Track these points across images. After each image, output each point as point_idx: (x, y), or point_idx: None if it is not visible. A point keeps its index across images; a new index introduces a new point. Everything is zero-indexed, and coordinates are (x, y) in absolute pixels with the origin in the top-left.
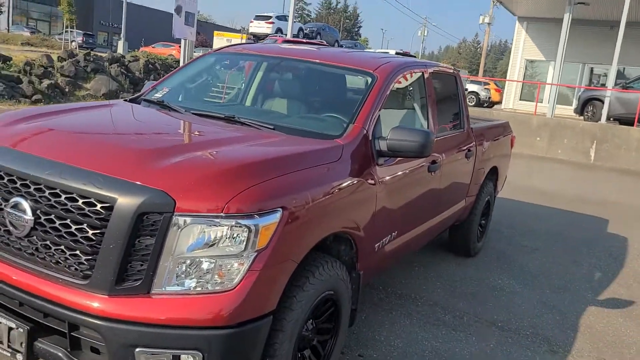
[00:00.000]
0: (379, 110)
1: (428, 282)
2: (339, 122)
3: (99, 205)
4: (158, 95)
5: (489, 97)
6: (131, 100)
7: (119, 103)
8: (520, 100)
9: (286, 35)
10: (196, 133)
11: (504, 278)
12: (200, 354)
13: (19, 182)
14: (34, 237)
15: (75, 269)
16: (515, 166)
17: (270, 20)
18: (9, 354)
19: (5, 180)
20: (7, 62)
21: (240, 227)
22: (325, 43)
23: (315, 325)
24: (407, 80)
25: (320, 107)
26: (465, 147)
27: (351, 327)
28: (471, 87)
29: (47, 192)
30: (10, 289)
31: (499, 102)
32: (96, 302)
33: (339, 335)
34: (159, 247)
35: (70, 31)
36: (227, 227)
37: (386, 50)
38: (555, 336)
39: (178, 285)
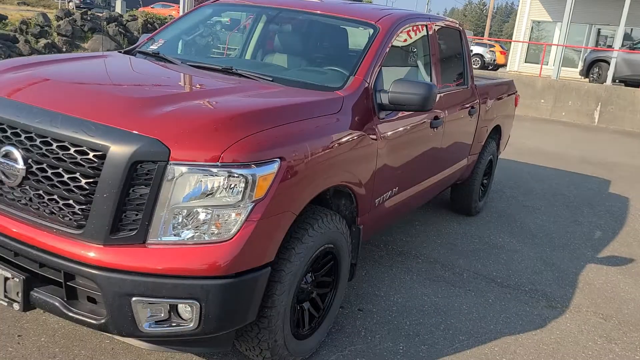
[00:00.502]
0: (381, 62)
1: (429, 240)
2: (340, 75)
3: (91, 154)
4: (153, 47)
5: (494, 60)
6: (126, 52)
7: (114, 54)
8: (525, 62)
9: None
10: (191, 83)
11: (504, 236)
12: (198, 303)
13: (9, 131)
14: (27, 187)
15: (69, 218)
16: (520, 128)
17: None
18: (5, 304)
19: None
20: (3, 21)
21: (236, 176)
22: None
23: (314, 278)
24: (410, 33)
25: (320, 59)
26: (468, 105)
27: (351, 283)
28: (476, 49)
29: (38, 140)
30: (5, 239)
31: (504, 65)
32: (91, 252)
33: (339, 289)
34: (153, 197)
35: None
36: (223, 176)
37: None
38: (554, 292)
39: (174, 236)
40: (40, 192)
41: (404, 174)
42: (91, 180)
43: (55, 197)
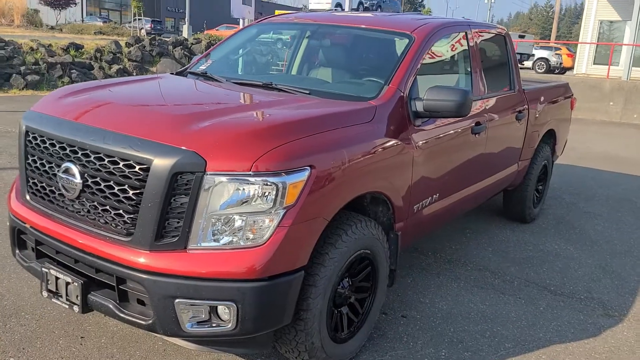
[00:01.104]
0: (416, 71)
1: (479, 247)
2: (375, 85)
3: (137, 167)
4: (202, 67)
5: (561, 63)
6: (178, 73)
7: (166, 76)
8: (594, 64)
9: (344, 10)
10: (230, 99)
11: (561, 243)
12: (235, 304)
13: (68, 149)
14: (84, 199)
15: (120, 227)
16: (586, 133)
17: None
18: (67, 306)
19: (57, 148)
20: (80, 50)
21: (268, 184)
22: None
23: (351, 283)
24: (448, 41)
25: (358, 70)
26: (515, 109)
27: (395, 290)
28: (540, 53)
29: (92, 156)
30: (66, 247)
31: (572, 68)
32: (139, 257)
33: (377, 294)
34: (192, 205)
35: (139, 19)
36: (255, 184)
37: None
38: (612, 300)
39: (213, 241)
40: (95, 203)
41: (445, 181)
42: (138, 191)
43: (107, 207)
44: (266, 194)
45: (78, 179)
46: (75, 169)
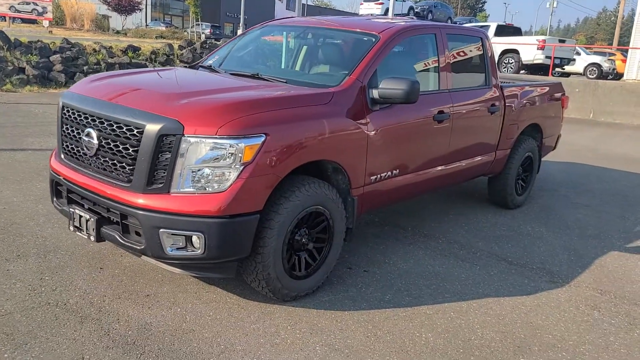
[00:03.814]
0: (378, 64)
1: (457, 226)
2: (341, 75)
3: (135, 131)
4: (210, 62)
5: (614, 69)
6: (191, 67)
7: (180, 68)
8: None
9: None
10: (218, 84)
11: (535, 226)
12: (203, 235)
13: (90, 118)
14: (99, 156)
15: (123, 176)
16: (615, 136)
17: (379, 2)
18: (86, 237)
19: (82, 117)
20: (137, 52)
21: (229, 145)
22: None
23: (309, 233)
24: (416, 40)
25: (331, 64)
26: (488, 103)
27: (365, 252)
28: (592, 59)
29: (106, 123)
30: (87, 192)
31: None
32: (135, 198)
33: (333, 245)
34: (174, 160)
35: (200, 24)
36: (219, 145)
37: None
38: (562, 271)
39: (188, 187)
40: (107, 158)
41: (404, 160)
42: (135, 149)
43: (115, 161)
44: (227, 152)
45: (95, 141)
46: (94, 133)
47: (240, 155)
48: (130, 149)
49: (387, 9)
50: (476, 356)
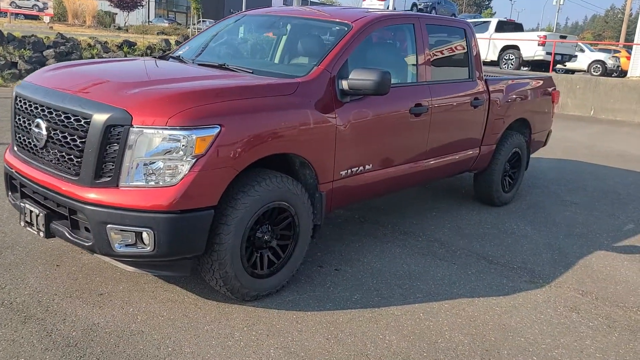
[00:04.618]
0: (349, 54)
1: (438, 224)
2: (309, 66)
3: (82, 121)
4: (180, 52)
5: (618, 66)
6: (160, 57)
7: (148, 58)
8: None
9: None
10: (178, 74)
11: (521, 224)
12: (152, 231)
13: (39, 108)
14: (48, 148)
15: (71, 169)
16: (614, 133)
17: None
18: (36, 232)
19: (32, 107)
20: (132, 47)
21: (179, 137)
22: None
23: (272, 230)
24: (392, 31)
25: (302, 54)
26: (471, 96)
27: (339, 250)
28: (596, 56)
29: (54, 113)
30: (38, 186)
31: None
32: (82, 192)
33: (299, 243)
34: (122, 152)
35: (203, 20)
36: (169, 137)
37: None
38: (543, 271)
39: (137, 181)
40: (55, 150)
41: (377, 154)
42: (83, 140)
43: (63, 153)
44: (178, 144)
45: (44, 132)
46: (42, 124)
47: (192, 147)
48: (78, 141)
49: (389, 7)
50: None
